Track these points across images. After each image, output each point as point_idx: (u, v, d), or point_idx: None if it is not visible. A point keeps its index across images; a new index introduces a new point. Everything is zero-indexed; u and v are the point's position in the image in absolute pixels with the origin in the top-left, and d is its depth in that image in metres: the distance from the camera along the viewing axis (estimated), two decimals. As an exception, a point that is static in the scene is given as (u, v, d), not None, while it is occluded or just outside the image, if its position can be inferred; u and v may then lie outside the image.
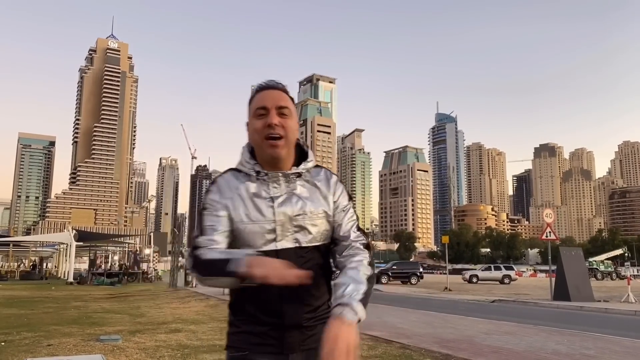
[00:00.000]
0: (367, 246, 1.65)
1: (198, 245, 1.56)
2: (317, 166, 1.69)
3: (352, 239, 1.63)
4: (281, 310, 1.54)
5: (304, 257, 1.57)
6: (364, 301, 1.48)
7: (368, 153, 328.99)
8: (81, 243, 35.39)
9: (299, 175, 1.62)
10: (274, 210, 1.57)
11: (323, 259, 1.64)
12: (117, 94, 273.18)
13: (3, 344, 7.56)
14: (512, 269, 43.36)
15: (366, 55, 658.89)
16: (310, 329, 1.57)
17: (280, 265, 1.41)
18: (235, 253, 1.47)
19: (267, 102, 1.58)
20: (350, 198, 1.74)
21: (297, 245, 1.57)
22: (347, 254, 1.62)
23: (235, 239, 1.60)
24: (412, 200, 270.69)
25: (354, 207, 1.74)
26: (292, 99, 1.67)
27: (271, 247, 1.56)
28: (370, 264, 1.61)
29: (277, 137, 1.55)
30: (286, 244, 1.56)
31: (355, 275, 1.53)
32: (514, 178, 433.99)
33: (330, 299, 1.61)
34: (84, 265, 46.83)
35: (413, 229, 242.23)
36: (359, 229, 1.68)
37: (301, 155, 1.67)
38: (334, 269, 1.68)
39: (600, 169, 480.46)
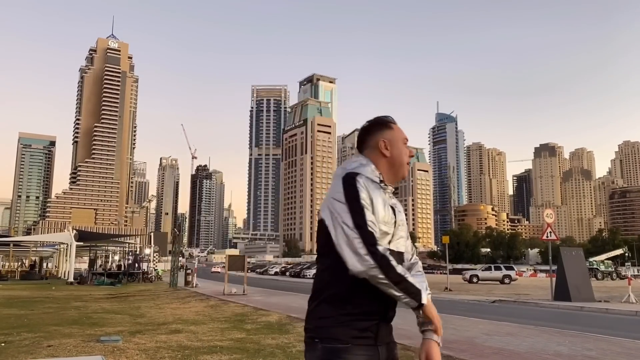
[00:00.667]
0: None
1: (377, 242, 1.70)
2: None
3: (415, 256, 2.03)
4: (388, 304, 1.77)
5: (404, 261, 1.90)
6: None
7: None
8: (81, 243, 35.36)
9: (394, 191, 1.98)
10: (396, 215, 1.87)
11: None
12: (118, 94, 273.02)
13: (3, 344, 7.54)
14: (512, 269, 43.30)
15: (366, 55, 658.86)
16: (389, 325, 1.85)
17: (438, 317, 1.82)
18: (419, 284, 1.74)
19: (406, 136, 1.99)
20: None
21: (403, 250, 1.88)
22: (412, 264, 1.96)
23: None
24: (413, 200, 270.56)
25: None
26: None
27: (391, 246, 1.81)
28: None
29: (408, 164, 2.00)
30: (397, 247, 1.85)
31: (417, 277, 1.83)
32: (514, 178, 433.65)
33: None
34: (84, 265, 46.80)
35: (413, 229, 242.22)
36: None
37: None
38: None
39: (601, 168, 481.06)
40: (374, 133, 1.95)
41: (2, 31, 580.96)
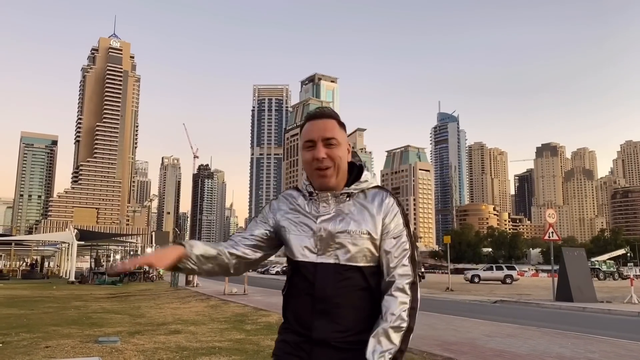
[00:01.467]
0: (413, 284, 1.61)
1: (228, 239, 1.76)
2: (378, 187, 1.72)
3: (398, 275, 1.61)
4: (312, 322, 1.60)
5: (342, 275, 1.61)
6: None
7: (370, 153, 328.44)
8: (83, 242, 35.35)
9: (349, 195, 1.68)
10: (316, 226, 1.65)
11: (365, 281, 1.63)
12: (119, 93, 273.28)
13: (1, 345, 7.49)
14: (514, 268, 43.21)
15: (368, 55, 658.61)
16: (340, 351, 1.57)
17: (161, 254, 1.58)
18: (202, 246, 1.66)
19: (314, 134, 1.67)
20: (407, 225, 1.69)
21: (336, 261, 1.62)
22: (388, 294, 1.59)
23: (287, 247, 1.73)
24: (414, 199, 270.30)
25: (410, 235, 1.68)
26: (341, 124, 1.73)
27: (312, 259, 1.64)
28: (412, 307, 1.58)
29: (326, 168, 1.65)
30: (325, 259, 1.62)
31: (385, 326, 1.54)
32: (516, 178, 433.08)
33: (368, 329, 1.59)
34: (85, 265, 46.84)
35: (415, 229, 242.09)
36: (412, 260, 1.64)
37: (358, 176, 1.72)
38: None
39: (603, 168, 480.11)
40: None
41: (5, 31, 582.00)
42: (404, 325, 1.54)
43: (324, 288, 1.60)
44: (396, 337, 1.52)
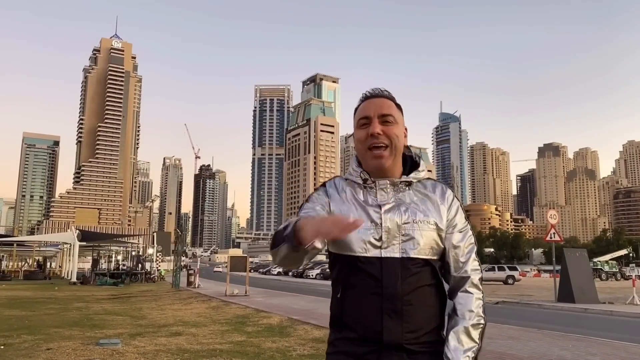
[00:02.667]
0: (481, 280, 1.57)
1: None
2: (430, 179, 1.63)
3: (470, 270, 1.54)
4: (381, 324, 1.44)
5: (410, 270, 1.48)
6: None
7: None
8: (84, 243, 35.37)
9: (409, 184, 1.56)
10: (380, 216, 1.50)
11: (434, 277, 1.53)
12: (121, 94, 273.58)
13: (2, 347, 7.50)
14: (515, 269, 43.11)
15: (370, 55, 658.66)
16: (412, 354, 1.45)
17: (333, 218, 1.31)
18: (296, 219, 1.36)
19: (370, 111, 1.55)
20: (467, 218, 1.62)
21: (404, 255, 1.48)
22: (462, 291, 1.53)
23: (339, 243, 1.51)
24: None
25: (472, 230, 1.60)
26: (398, 106, 1.62)
27: (375, 254, 1.48)
28: (484, 303, 1.54)
29: (381, 147, 1.52)
30: (392, 252, 1.48)
31: (463, 323, 1.48)
32: (518, 178, 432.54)
33: (440, 325, 1.53)
34: (87, 265, 46.85)
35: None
36: (477, 255, 1.57)
37: (413, 165, 1.62)
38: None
39: (605, 168, 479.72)
40: None
41: (7, 32, 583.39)
42: (482, 322, 1.50)
43: (394, 285, 1.45)
44: (476, 335, 1.47)
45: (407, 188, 1.55)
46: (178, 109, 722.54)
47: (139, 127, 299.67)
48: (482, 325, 1.49)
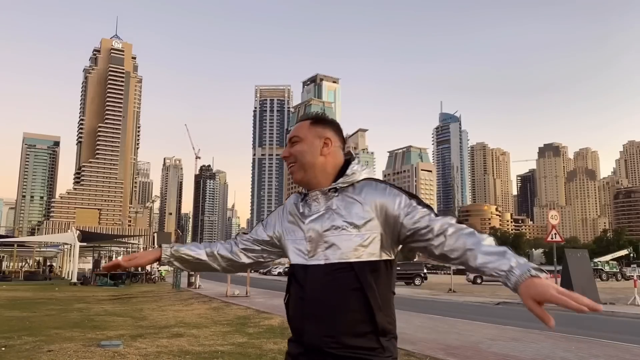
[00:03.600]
0: (460, 223, 1.52)
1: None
2: (370, 179, 1.64)
3: (440, 225, 1.49)
4: (302, 328, 1.54)
5: (332, 275, 1.52)
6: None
7: (372, 153, 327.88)
8: (85, 243, 35.36)
9: (336, 190, 1.62)
10: (305, 227, 1.63)
11: (357, 281, 1.51)
12: (121, 94, 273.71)
13: (3, 349, 7.48)
14: (516, 269, 43.02)
15: (370, 55, 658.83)
16: (336, 359, 1.49)
17: (133, 256, 1.82)
18: (185, 248, 1.85)
19: (288, 139, 1.77)
20: (413, 196, 1.57)
21: (327, 261, 1.54)
22: (450, 235, 1.48)
23: (286, 254, 1.73)
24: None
25: (421, 202, 1.57)
26: (316, 121, 1.73)
27: (303, 262, 1.60)
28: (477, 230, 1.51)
29: (291, 165, 1.71)
30: (317, 260, 1.56)
31: (486, 247, 1.45)
32: (518, 178, 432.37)
33: (374, 331, 1.50)
34: (88, 266, 46.85)
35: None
36: (437, 215, 1.53)
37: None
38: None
39: (605, 168, 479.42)
40: None
41: (7, 32, 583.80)
42: (489, 239, 1.48)
43: (313, 290, 1.53)
44: (494, 247, 1.46)
45: (336, 194, 1.61)
46: (178, 109, 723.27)
47: (139, 127, 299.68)
48: (491, 238, 1.48)
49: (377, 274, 1.53)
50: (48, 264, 46.83)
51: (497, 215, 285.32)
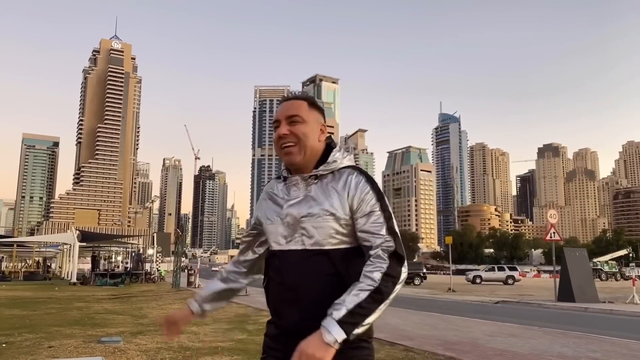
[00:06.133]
0: (395, 253, 1.51)
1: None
2: (350, 167, 1.66)
3: (375, 246, 1.52)
4: (280, 310, 1.62)
5: (307, 260, 1.56)
6: (352, 318, 1.37)
7: (371, 153, 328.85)
8: (84, 243, 35.36)
9: (316, 177, 1.63)
10: (283, 211, 1.63)
11: (333, 267, 1.55)
12: (121, 95, 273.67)
13: (4, 345, 7.52)
14: (515, 269, 43.18)
15: (369, 55, 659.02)
16: None
17: (168, 319, 1.79)
18: (205, 289, 1.88)
19: (279, 114, 1.68)
20: (381, 199, 1.59)
21: (303, 247, 1.58)
22: (367, 264, 1.50)
23: (267, 238, 1.74)
24: (416, 200, 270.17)
25: (384, 209, 1.58)
26: (313, 105, 1.71)
27: (281, 247, 1.63)
28: (387, 273, 1.46)
29: (290, 145, 1.63)
30: (294, 245, 1.59)
31: (353, 287, 1.45)
32: (518, 178, 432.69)
33: None
34: (87, 266, 46.85)
35: (416, 230, 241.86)
36: (390, 232, 1.54)
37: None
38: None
39: (604, 169, 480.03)
40: None
41: (6, 33, 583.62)
42: (373, 285, 1.43)
43: (290, 275, 1.57)
44: (361, 294, 1.41)
45: (316, 181, 1.62)
46: (178, 110, 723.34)
47: (138, 128, 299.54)
48: (371, 289, 1.42)
49: (351, 260, 1.56)
50: (47, 263, 46.83)
51: (496, 215, 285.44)
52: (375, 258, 1.49)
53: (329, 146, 1.71)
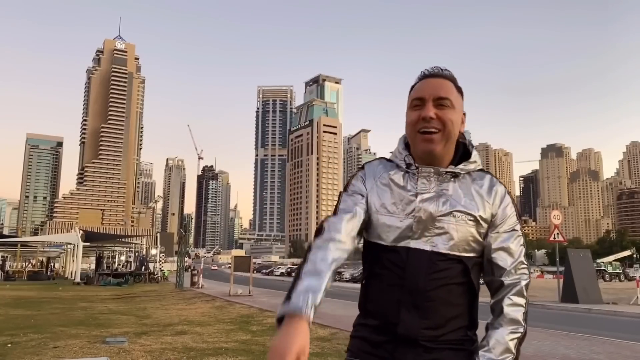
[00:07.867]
0: (527, 285, 1.42)
1: (322, 229, 1.42)
2: (482, 171, 1.49)
3: (517, 276, 1.41)
4: (398, 317, 1.37)
5: (438, 265, 1.37)
6: None
7: (374, 153, 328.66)
8: (88, 243, 35.51)
9: (455, 175, 1.44)
10: (415, 206, 1.40)
11: (465, 275, 1.40)
12: (124, 95, 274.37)
13: (10, 345, 7.57)
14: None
15: (372, 55, 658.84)
16: (429, 351, 1.36)
17: (286, 346, 1.12)
18: (297, 294, 1.23)
19: (425, 92, 1.43)
20: (519, 217, 1.47)
21: (434, 249, 1.38)
22: (507, 298, 1.39)
23: (369, 229, 1.46)
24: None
25: (521, 230, 1.46)
26: (459, 88, 1.49)
27: (403, 244, 1.40)
28: (527, 312, 1.40)
29: (433, 131, 1.40)
30: (421, 244, 1.39)
31: (502, 327, 1.37)
32: (521, 179, 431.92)
33: (468, 326, 1.42)
34: (91, 266, 47.05)
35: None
36: (526, 258, 1.44)
37: (464, 155, 1.49)
38: (492, 301, 1.45)
39: (608, 169, 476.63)
40: None
41: (11, 33, 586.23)
42: (521, 331, 1.37)
43: (416, 278, 1.36)
44: (513, 345, 1.35)
45: (452, 179, 1.43)
46: (181, 110, 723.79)
47: (142, 128, 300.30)
48: (520, 334, 1.37)
49: (478, 273, 1.45)
50: (51, 263, 47.05)
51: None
52: (517, 295, 1.40)
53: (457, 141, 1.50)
